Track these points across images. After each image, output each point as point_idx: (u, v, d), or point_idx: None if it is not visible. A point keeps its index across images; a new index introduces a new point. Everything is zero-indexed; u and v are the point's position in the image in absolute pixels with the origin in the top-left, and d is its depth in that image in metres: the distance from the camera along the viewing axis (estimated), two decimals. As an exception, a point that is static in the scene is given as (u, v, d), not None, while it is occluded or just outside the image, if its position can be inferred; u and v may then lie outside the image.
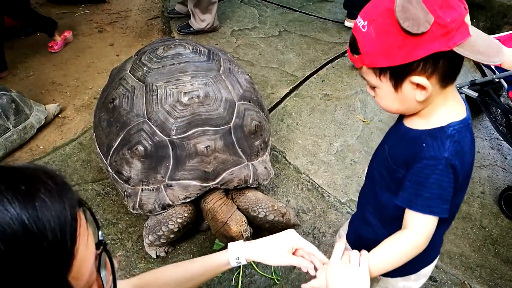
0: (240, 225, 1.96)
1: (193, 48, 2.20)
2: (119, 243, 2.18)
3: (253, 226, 2.08)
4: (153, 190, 1.99)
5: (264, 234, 2.21)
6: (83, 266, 0.56)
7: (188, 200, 1.98)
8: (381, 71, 0.99)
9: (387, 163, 1.15)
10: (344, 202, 2.44)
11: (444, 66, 0.94)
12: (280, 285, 2.02)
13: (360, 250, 1.11)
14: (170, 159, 1.94)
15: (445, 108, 1.03)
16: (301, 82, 3.41)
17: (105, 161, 2.13)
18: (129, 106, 2.02)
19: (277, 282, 2.03)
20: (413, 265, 1.22)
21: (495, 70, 2.47)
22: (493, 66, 2.46)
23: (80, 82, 3.43)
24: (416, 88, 0.97)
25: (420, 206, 1.04)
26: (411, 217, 1.07)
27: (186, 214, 1.98)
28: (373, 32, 0.93)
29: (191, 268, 1.23)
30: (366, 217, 1.32)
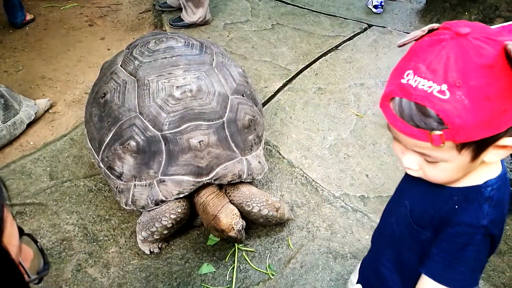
0: (231, 218, 1.95)
1: (185, 42, 2.17)
2: (112, 240, 2.16)
3: (248, 221, 2.07)
4: (146, 186, 1.97)
5: (259, 228, 2.22)
6: (12, 237, 0.68)
7: (182, 196, 1.96)
8: (466, 144, 0.77)
9: (409, 223, 1.02)
10: (338, 196, 2.44)
11: None
12: (275, 279, 2.02)
13: None
14: (163, 154, 1.92)
15: (484, 164, 0.86)
16: (295, 76, 3.39)
17: (97, 157, 2.10)
18: (121, 101, 1.99)
19: (272, 277, 2.02)
20: None
21: None
22: None
23: (71, 77, 3.38)
24: (499, 149, 0.81)
25: (451, 281, 0.92)
26: (429, 286, 0.95)
27: (180, 210, 1.97)
28: (466, 99, 0.71)
29: None
30: (382, 271, 1.21)
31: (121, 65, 2.13)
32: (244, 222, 2.00)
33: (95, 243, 2.13)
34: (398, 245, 1.11)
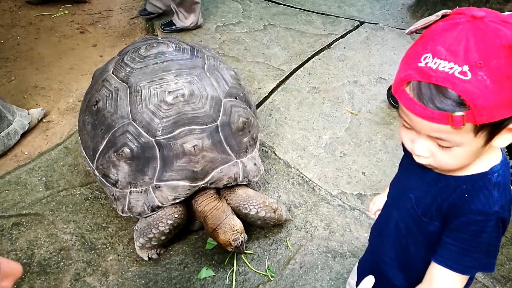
0: (229, 235, 1.92)
1: (176, 46, 2.17)
2: (110, 247, 2.15)
3: (246, 223, 2.06)
4: (142, 192, 1.96)
5: (257, 230, 2.21)
6: None
7: (178, 201, 1.96)
8: (483, 126, 0.78)
9: (415, 215, 1.03)
10: (335, 195, 2.44)
11: None
12: (275, 281, 2.01)
13: None
14: (157, 160, 1.91)
15: (489, 150, 0.87)
16: (288, 76, 3.39)
17: (92, 165, 2.09)
18: (113, 108, 1.98)
19: (271, 279, 2.02)
20: None
21: None
22: None
23: (64, 85, 3.36)
24: (510, 132, 0.81)
25: (467, 268, 0.93)
26: (441, 274, 0.95)
27: (177, 215, 1.96)
28: (488, 79, 0.72)
29: None
30: (382, 270, 1.21)
31: (113, 72, 2.13)
32: (246, 237, 1.97)
33: (93, 252, 2.12)
34: (404, 240, 1.10)
